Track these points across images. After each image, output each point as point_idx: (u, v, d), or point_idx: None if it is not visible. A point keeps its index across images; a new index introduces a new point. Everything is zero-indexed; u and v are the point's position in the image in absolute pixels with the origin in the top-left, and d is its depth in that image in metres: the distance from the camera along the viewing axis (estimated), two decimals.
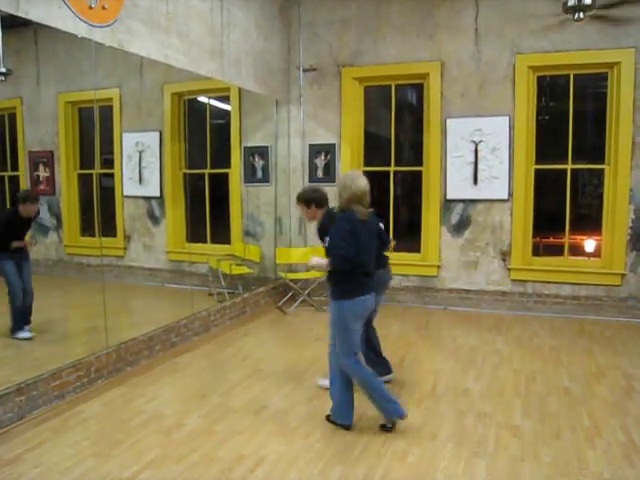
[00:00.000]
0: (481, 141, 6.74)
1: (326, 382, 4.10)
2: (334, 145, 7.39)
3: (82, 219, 6.34)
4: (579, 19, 6.14)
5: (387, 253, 4.41)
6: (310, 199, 4.22)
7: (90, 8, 4.17)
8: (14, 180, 5.79)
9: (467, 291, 7.00)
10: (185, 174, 6.93)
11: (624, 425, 3.73)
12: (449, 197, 6.95)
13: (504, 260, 6.82)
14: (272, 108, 7.47)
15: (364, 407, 4.04)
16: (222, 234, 7.52)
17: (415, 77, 7.15)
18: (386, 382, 4.18)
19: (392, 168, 7.35)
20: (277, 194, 7.58)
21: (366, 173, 7.46)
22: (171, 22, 5.15)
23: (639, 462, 3.24)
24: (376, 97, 7.70)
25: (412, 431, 3.67)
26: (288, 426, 3.76)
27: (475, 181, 6.79)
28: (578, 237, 7.10)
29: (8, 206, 5.36)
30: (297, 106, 7.53)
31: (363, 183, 3.68)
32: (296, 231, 7.65)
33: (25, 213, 4.95)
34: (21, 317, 4.96)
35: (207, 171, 7.31)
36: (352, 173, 4.00)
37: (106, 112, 6.45)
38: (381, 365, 4.41)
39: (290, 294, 7.26)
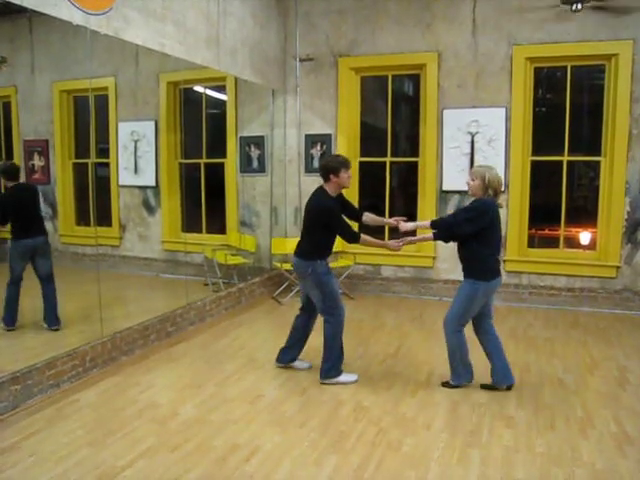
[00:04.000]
0: (477, 132, 6.74)
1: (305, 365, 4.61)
2: (330, 135, 7.36)
3: (77, 208, 6.32)
4: (577, 10, 6.13)
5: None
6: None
7: None
8: None
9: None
10: (181, 164, 6.92)
11: (617, 416, 3.75)
12: (445, 188, 6.94)
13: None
14: (268, 98, 7.43)
15: (360, 398, 4.06)
16: (218, 224, 7.51)
17: (412, 68, 7.13)
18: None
19: (388, 159, 7.34)
20: (273, 184, 7.56)
21: (362, 164, 7.54)
22: (167, 10, 5.10)
23: (631, 453, 3.26)
24: (373, 87, 7.68)
25: (406, 421, 3.69)
26: (283, 416, 3.77)
27: None
28: (573, 229, 7.11)
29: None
30: (293, 96, 7.50)
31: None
32: (292, 221, 7.64)
33: None
34: None
35: (203, 161, 7.29)
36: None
37: (101, 101, 6.41)
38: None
39: (285, 284, 7.26)
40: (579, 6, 6.09)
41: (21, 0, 3.71)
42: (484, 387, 4.23)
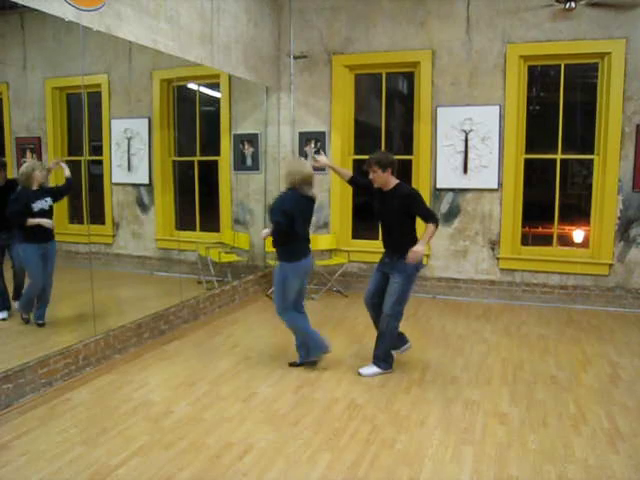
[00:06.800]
0: (471, 130, 6.75)
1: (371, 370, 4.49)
2: (324, 133, 7.36)
3: (70, 206, 6.28)
4: (570, 9, 6.15)
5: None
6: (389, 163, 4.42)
7: None
8: None
9: (456, 280, 7.03)
10: (174, 161, 6.89)
11: (609, 412, 3.78)
12: (439, 186, 6.96)
13: (493, 249, 6.85)
14: (262, 95, 7.42)
15: (353, 395, 4.06)
16: (211, 222, 7.49)
17: (406, 65, 7.13)
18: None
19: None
20: (267, 182, 7.55)
21: (356, 161, 7.54)
22: (160, 7, 5.08)
23: (623, 449, 3.28)
24: (367, 85, 7.67)
25: (400, 418, 3.70)
26: (276, 413, 3.77)
27: (465, 170, 6.80)
28: (567, 227, 7.14)
29: None
30: (287, 93, 7.49)
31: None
32: None
33: None
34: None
35: (196, 158, 7.26)
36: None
37: (94, 98, 6.38)
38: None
39: None
40: (572, 4, 6.11)
41: None
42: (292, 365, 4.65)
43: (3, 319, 4.95)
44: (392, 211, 4.43)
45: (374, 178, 4.46)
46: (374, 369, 4.48)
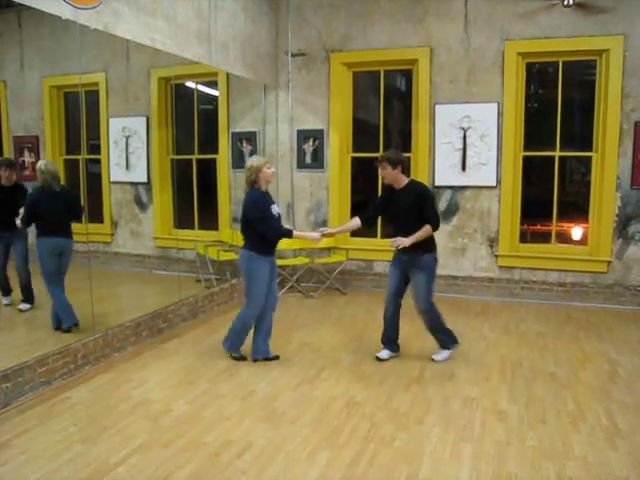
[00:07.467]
0: (470, 127, 6.74)
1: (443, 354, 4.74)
2: (322, 131, 7.35)
3: None
4: (568, 5, 6.15)
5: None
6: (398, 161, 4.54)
7: None
8: None
9: (454, 277, 7.04)
10: (172, 160, 6.88)
11: (608, 410, 3.78)
12: (437, 183, 6.95)
13: (492, 247, 6.86)
14: (260, 93, 7.41)
15: (352, 393, 4.06)
16: (210, 220, 7.48)
17: (404, 63, 7.12)
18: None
19: (380, 154, 7.30)
20: None
21: (355, 159, 7.53)
22: (157, 5, 5.06)
23: (622, 446, 3.28)
24: (365, 83, 7.67)
25: (399, 416, 3.70)
26: (275, 411, 3.77)
27: (463, 168, 6.80)
28: (565, 224, 7.14)
29: None
30: (285, 91, 7.48)
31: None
32: (284, 217, 7.62)
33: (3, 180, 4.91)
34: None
35: (195, 157, 7.25)
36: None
37: (92, 97, 6.36)
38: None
39: (278, 280, 7.23)
40: (570, 1, 6.11)
41: None
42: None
43: (8, 304, 5.03)
44: (408, 208, 4.50)
45: (384, 175, 4.59)
46: (446, 353, 4.75)
